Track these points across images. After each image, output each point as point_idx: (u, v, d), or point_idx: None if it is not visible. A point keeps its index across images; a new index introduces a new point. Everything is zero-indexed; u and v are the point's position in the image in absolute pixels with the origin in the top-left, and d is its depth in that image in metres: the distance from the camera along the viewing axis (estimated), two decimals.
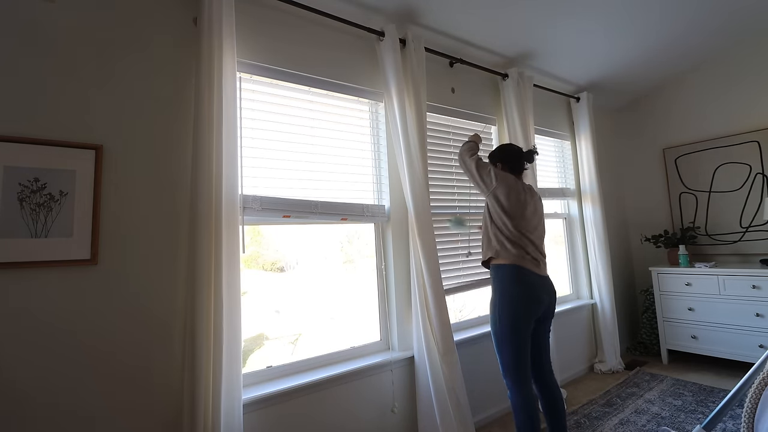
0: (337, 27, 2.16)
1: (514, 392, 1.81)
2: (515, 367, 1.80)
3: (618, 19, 2.69)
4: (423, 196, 2.17)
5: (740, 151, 3.36)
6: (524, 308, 1.81)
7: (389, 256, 2.26)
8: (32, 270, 1.35)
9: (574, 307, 3.21)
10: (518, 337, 1.80)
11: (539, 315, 1.88)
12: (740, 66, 3.38)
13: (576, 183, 3.53)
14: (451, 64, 2.67)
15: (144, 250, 1.55)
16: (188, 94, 1.70)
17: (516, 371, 1.80)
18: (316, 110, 2.11)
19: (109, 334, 1.46)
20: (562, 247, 3.51)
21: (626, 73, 3.48)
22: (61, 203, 1.41)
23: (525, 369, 1.81)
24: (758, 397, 1.11)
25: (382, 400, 2.09)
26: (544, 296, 1.87)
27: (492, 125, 2.92)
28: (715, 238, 3.50)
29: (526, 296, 1.83)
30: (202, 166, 1.56)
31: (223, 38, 1.65)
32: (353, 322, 2.19)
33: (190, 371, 1.47)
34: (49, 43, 1.44)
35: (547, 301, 1.89)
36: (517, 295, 1.82)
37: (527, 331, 1.82)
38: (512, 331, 1.80)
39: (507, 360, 1.82)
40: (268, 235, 2.04)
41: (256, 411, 1.70)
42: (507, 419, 2.52)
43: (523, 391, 1.80)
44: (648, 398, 2.71)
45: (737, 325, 2.97)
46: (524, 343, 1.81)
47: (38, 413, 1.32)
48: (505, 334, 1.81)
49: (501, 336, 1.82)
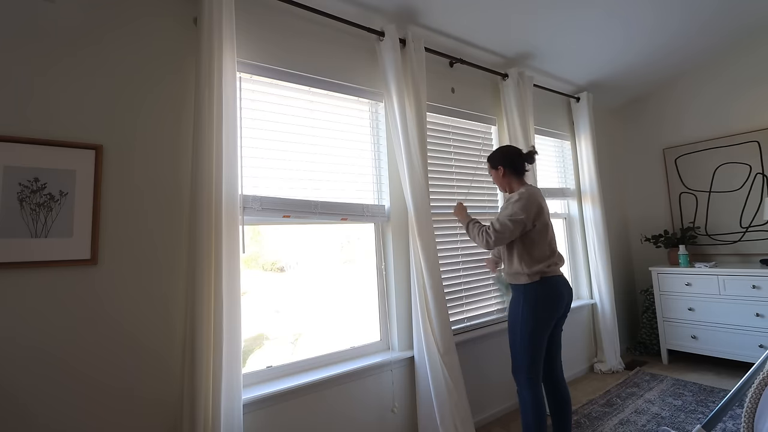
0: (337, 27, 2.16)
1: (526, 390, 1.82)
2: (531, 365, 1.82)
3: (618, 19, 2.69)
4: (423, 196, 2.17)
5: (740, 151, 3.36)
6: (549, 307, 1.83)
7: (389, 256, 2.26)
8: (32, 270, 1.35)
9: (574, 307, 3.21)
10: (539, 337, 1.82)
11: (560, 313, 1.89)
12: (740, 66, 3.38)
13: (576, 183, 3.53)
14: (451, 64, 2.67)
15: (144, 250, 1.55)
16: (188, 94, 1.70)
17: (531, 370, 1.82)
18: (316, 110, 2.11)
19: (109, 335, 1.46)
20: (562, 247, 3.51)
21: (626, 73, 3.48)
22: (61, 203, 1.41)
23: (539, 368, 1.83)
24: (758, 397, 1.11)
25: (382, 400, 2.09)
26: (565, 294, 1.90)
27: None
28: (715, 238, 3.50)
29: (552, 294, 1.84)
30: (202, 166, 1.55)
31: (223, 38, 1.65)
32: (353, 322, 2.19)
33: (190, 371, 1.47)
34: (49, 42, 1.44)
35: (567, 298, 1.91)
36: (543, 294, 1.83)
37: (548, 330, 1.84)
38: (534, 331, 1.81)
39: (524, 359, 1.82)
40: (268, 235, 2.04)
41: (256, 411, 1.70)
42: (507, 419, 2.52)
43: (534, 390, 1.81)
44: (648, 398, 2.71)
45: (737, 325, 2.97)
46: (542, 342, 1.83)
47: (38, 413, 1.32)
48: (525, 332, 1.82)
49: (522, 335, 1.83)
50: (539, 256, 1.86)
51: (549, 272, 1.86)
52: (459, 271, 2.57)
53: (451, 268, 2.53)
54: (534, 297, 1.83)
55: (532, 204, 1.86)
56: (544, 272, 1.85)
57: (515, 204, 1.86)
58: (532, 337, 1.81)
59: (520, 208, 1.84)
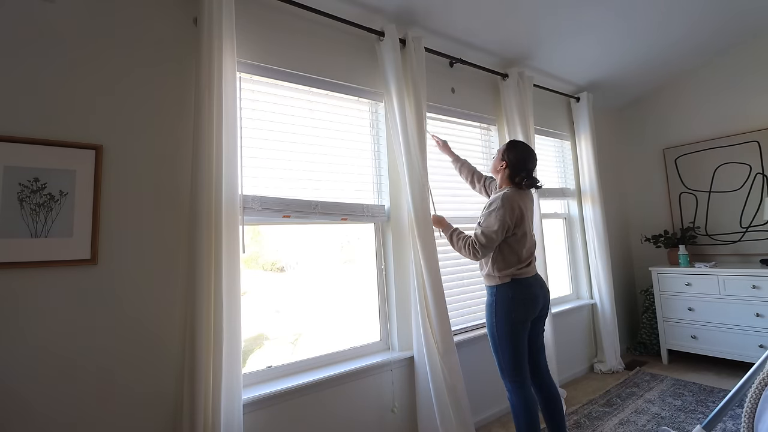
0: (337, 27, 2.16)
1: (514, 393, 1.81)
2: (514, 368, 1.80)
3: (618, 19, 2.69)
4: (423, 197, 2.17)
5: (740, 151, 3.36)
6: (522, 308, 1.82)
7: (389, 256, 2.26)
8: (32, 270, 1.35)
9: (574, 307, 3.21)
10: (517, 337, 1.80)
11: (536, 314, 1.88)
12: (740, 66, 3.38)
13: (576, 183, 3.53)
14: (451, 64, 2.67)
15: (144, 250, 1.55)
16: (188, 94, 1.70)
17: (515, 372, 1.81)
18: (316, 110, 2.11)
19: (109, 334, 1.46)
20: (562, 247, 3.51)
21: (626, 73, 3.48)
22: (61, 203, 1.41)
23: (524, 370, 1.82)
24: (758, 397, 1.11)
25: (382, 400, 2.09)
26: (539, 295, 1.89)
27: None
28: (715, 238, 3.50)
29: (524, 296, 1.83)
30: (202, 166, 1.55)
31: (223, 38, 1.65)
32: (353, 322, 2.19)
33: (190, 371, 1.47)
34: (49, 43, 1.44)
35: (542, 299, 1.90)
36: (514, 296, 1.82)
37: (525, 331, 1.83)
38: (510, 332, 1.80)
39: (506, 361, 1.82)
40: (268, 235, 2.04)
41: (256, 411, 1.70)
42: (507, 419, 2.52)
43: (522, 392, 1.80)
44: (648, 398, 2.71)
45: (737, 325, 2.97)
46: (522, 344, 1.82)
47: (37, 413, 1.32)
48: (503, 335, 1.81)
49: (499, 337, 1.83)
50: (512, 261, 1.85)
51: (519, 274, 1.85)
52: (459, 271, 2.57)
53: (451, 268, 2.52)
54: (505, 299, 1.82)
55: (514, 211, 1.84)
56: (514, 275, 1.84)
57: (497, 212, 1.82)
58: (509, 339, 1.80)
59: (503, 217, 1.81)
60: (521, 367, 1.81)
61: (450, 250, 2.53)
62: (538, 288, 1.89)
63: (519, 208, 1.86)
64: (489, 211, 1.87)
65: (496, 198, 1.88)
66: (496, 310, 1.84)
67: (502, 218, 1.81)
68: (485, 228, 1.85)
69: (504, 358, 1.82)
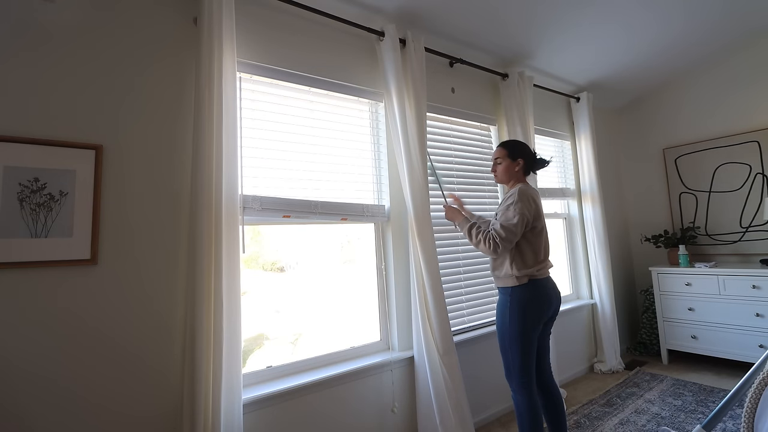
0: (337, 27, 2.16)
1: (519, 394, 1.81)
2: (522, 369, 1.80)
3: (618, 19, 2.69)
4: (423, 197, 2.17)
5: (740, 151, 3.36)
6: (538, 310, 1.81)
7: (389, 256, 2.26)
8: (32, 270, 1.35)
9: (574, 307, 3.21)
10: (528, 339, 1.80)
11: (548, 316, 1.88)
12: (740, 66, 3.38)
13: (576, 183, 3.53)
14: (451, 64, 2.67)
15: (144, 250, 1.55)
16: (188, 94, 1.70)
17: (522, 374, 1.80)
18: (316, 110, 2.11)
19: (109, 334, 1.46)
20: (562, 247, 3.51)
21: (626, 73, 3.48)
22: (61, 203, 1.41)
23: (531, 372, 1.81)
24: (758, 397, 1.11)
25: (382, 400, 2.09)
26: (554, 297, 1.88)
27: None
28: (715, 238, 3.50)
29: (540, 298, 1.82)
30: (202, 166, 1.55)
31: (223, 38, 1.65)
32: (353, 322, 2.19)
33: (190, 371, 1.47)
34: (49, 43, 1.44)
35: (555, 301, 1.90)
36: (531, 297, 1.81)
37: (536, 333, 1.83)
38: (522, 334, 1.79)
39: (514, 362, 1.81)
40: (268, 235, 2.04)
41: (256, 411, 1.70)
42: (507, 419, 2.52)
43: (528, 393, 1.79)
44: (648, 398, 2.71)
45: (737, 325, 2.97)
46: (532, 346, 1.81)
47: (36, 412, 1.32)
48: (515, 336, 1.80)
49: (510, 338, 1.81)
50: (531, 261, 1.83)
51: (538, 275, 1.84)
52: (459, 271, 2.57)
53: (450, 269, 2.52)
54: (522, 300, 1.81)
55: (531, 204, 1.84)
56: (533, 275, 1.83)
57: (516, 206, 1.81)
58: (521, 341, 1.79)
59: (522, 210, 1.80)
60: (529, 369, 1.81)
61: (450, 250, 2.54)
62: (552, 290, 1.89)
63: (535, 202, 1.87)
64: (507, 205, 1.85)
65: (512, 193, 1.88)
66: (510, 311, 1.82)
67: (521, 211, 1.79)
68: (504, 221, 1.81)
69: (513, 359, 1.81)
